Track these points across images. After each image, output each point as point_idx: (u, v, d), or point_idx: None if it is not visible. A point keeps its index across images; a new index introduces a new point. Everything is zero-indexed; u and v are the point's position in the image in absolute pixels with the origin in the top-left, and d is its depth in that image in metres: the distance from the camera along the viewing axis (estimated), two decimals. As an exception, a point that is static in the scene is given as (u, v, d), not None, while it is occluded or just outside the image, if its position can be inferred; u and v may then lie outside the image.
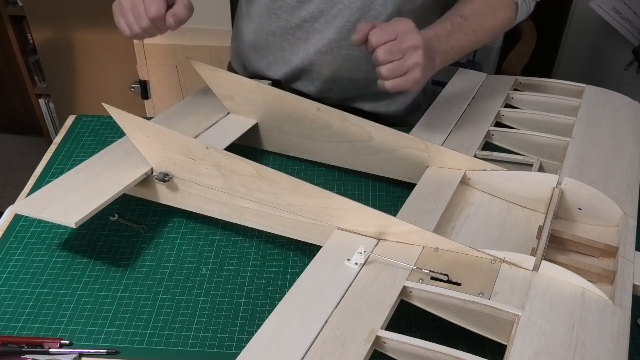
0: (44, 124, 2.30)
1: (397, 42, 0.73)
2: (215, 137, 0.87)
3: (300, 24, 0.95)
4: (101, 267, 0.74)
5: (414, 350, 0.53)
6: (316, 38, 0.95)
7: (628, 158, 0.76)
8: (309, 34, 0.95)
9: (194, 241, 0.78)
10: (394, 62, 0.73)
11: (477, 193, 0.75)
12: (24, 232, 0.78)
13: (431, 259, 0.62)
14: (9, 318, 0.67)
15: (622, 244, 0.63)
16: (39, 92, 2.23)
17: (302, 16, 0.94)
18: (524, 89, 0.97)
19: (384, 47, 0.73)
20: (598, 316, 0.54)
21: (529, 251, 0.61)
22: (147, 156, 0.78)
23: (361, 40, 0.75)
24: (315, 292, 0.59)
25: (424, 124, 0.88)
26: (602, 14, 1.63)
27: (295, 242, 0.72)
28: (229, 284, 0.72)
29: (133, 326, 0.67)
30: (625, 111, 0.87)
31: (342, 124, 0.83)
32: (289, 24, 0.96)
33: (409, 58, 0.73)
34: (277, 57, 1.01)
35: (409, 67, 0.74)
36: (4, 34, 2.08)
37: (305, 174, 0.90)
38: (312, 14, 0.93)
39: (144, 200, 0.82)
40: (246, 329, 0.66)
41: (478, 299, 0.56)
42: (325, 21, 0.93)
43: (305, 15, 0.93)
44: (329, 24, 0.93)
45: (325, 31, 0.94)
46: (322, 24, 0.94)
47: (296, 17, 0.95)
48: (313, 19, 0.93)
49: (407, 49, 0.73)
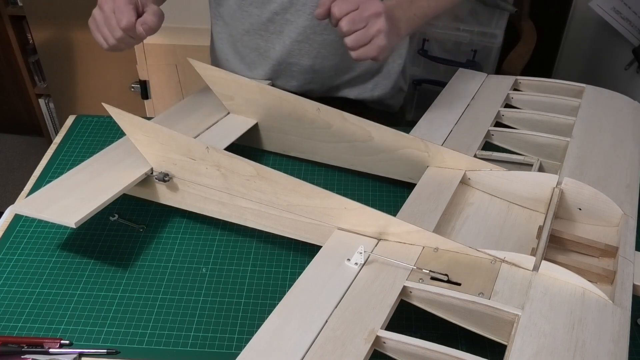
0: (44, 124, 2.30)
1: (359, 12, 0.75)
2: (215, 137, 0.87)
3: (272, 17, 0.95)
4: (101, 267, 0.74)
5: (414, 350, 0.53)
6: (290, 29, 0.95)
7: (628, 158, 0.76)
8: (282, 26, 0.96)
9: (194, 241, 0.78)
10: (358, 31, 0.76)
11: (477, 193, 0.75)
12: (24, 232, 0.78)
13: (431, 259, 0.62)
14: (9, 318, 0.67)
15: (622, 244, 0.63)
16: (39, 92, 2.23)
17: (272, 9, 0.94)
18: (524, 89, 0.97)
19: (346, 17, 0.75)
20: (598, 316, 0.54)
21: (529, 251, 0.61)
22: (147, 156, 0.78)
23: (324, 14, 0.77)
24: (315, 292, 0.59)
25: (424, 124, 0.88)
26: (602, 14, 1.63)
27: (295, 242, 0.72)
28: (229, 284, 0.72)
29: (133, 326, 0.67)
30: (625, 111, 0.87)
31: (342, 124, 0.83)
32: (261, 19, 0.96)
33: (372, 26, 0.76)
34: (254, 56, 1.01)
35: (373, 35, 0.76)
36: (4, 34, 2.08)
37: (305, 174, 0.90)
38: (282, 5, 0.93)
39: (144, 200, 0.82)
40: (246, 329, 0.66)
41: (478, 299, 0.56)
42: (295, 10, 0.94)
43: (276, 7, 0.94)
44: (300, 12, 0.94)
45: (298, 20, 0.94)
46: (293, 13, 0.94)
47: (267, 11, 0.95)
48: (283, 10, 0.94)
49: (369, 17, 0.75)
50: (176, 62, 1.66)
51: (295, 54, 0.98)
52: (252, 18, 0.97)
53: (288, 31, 0.96)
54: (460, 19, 1.74)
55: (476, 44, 1.71)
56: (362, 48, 0.77)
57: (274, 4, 0.94)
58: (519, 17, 1.73)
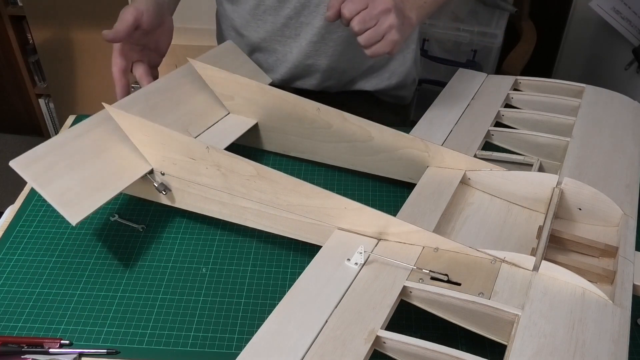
0: (44, 124, 2.30)
1: (368, 10, 0.76)
2: (215, 137, 0.87)
3: (287, 22, 0.95)
4: (101, 267, 0.74)
5: (414, 350, 0.53)
6: (306, 30, 0.96)
7: (628, 158, 0.76)
8: (298, 29, 0.96)
9: (194, 241, 0.78)
10: (370, 29, 0.76)
11: (477, 193, 0.75)
12: (24, 232, 0.78)
13: (431, 259, 0.62)
14: (9, 318, 0.67)
15: (622, 244, 0.63)
16: (39, 92, 2.23)
17: (286, 14, 0.95)
18: (524, 89, 0.97)
19: (357, 17, 0.76)
20: (598, 316, 0.54)
21: (529, 251, 0.61)
22: (147, 156, 0.78)
23: (335, 16, 0.77)
24: (315, 292, 0.59)
25: (424, 124, 0.88)
26: (602, 14, 1.63)
27: (295, 242, 0.72)
28: (229, 284, 0.72)
29: (133, 326, 0.67)
30: (625, 111, 0.87)
31: (342, 124, 0.83)
32: (276, 26, 0.96)
33: (383, 22, 0.76)
34: (272, 61, 1.01)
35: (385, 31, 0.77)
36: (4, 34, 2.09)
37: (305, 174, 0.90)
38: (296, 9, 0.94)
39: (144, 200, 0.82)
40: (246, 329, 0.66)
41: (478, 299, 0.56)
42: (309, 12, 0.94)
43: (289, 12, 0.94)
44: (314, 13, 0.94)
45: (313, 21, 0.95)
46: (307, 15, 0.94)
47: (281, 17, 0.95)
48: (297, 13, 0.94)
49: (379, 14, 0.76)
50: (176, 62, 1.65)
51: (312, 55, 0.99)
52: (267, 25, 0.97)
53: (304, 33, 0.96)
54: (460, 19, 1.75)
55: (476, 44, 1.71)
56: (376, 45, 0.77)
57: (287, 8, 0.94)
58: (519, 17, 1.73)
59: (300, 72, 1.01)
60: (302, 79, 1.02)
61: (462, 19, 1.74)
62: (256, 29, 0.99)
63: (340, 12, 0.77)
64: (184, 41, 1.59)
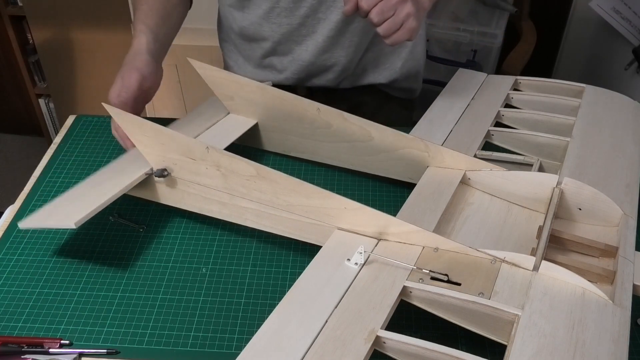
0: (44, 124, 2.30)
1: (385, 1, 0.77)
2: (215, 137, 0.87)
3: (303, 21, 0.96)
4: (101, 267, 0.74)
5: (414, 350, 0.53)
6: (322, 26, 0.96)
7: (628, 158, 0.76)
8: (315, 26, 0.96)
9: (194, 241, 0.78)
10: (388, 20, 0.77)
11: (477, 193, 0.75)
12: (24, 232, 0.78)
13: (431, 259, 0.62)
14: (9, 318, 0.67)
15: (622, 244, 0.63)
16: (39, 92, 2.22)
17: (302, 13, 0.94)
18: (524, 89, 0.97)
19: (375, 9, 0.77)
20: (598, 316, 0.54)
21: (529, 251, 0.61)
22: (147, 156, 0.78)
23: (353, 9, 0.78)
24: (315, 292, 0.59)
25: (424, 124, 0.88)
26: (602, 14, 1.63)
27: (295, 242, 0.72)
28: (229, 284, 0.72)
29: (133, 326, 0.67)
30: (625, 111, 0.87)
31: (342, 124, 0.83)
32: (292, 26, 0.96)
33: (400, 12, 0.77)
34: (287, 62, 1.01)
35: (403, 20, 0.78)
36: (4, 34, 2.08)
37: (305, 174, 0.90)
38: (312, 7, 0.94)
39: (144, 200, 0.82)
40: (246, 329, 0.66)
41: (478, 299, 0.56)
42: (326, 7, 0.94)
43: (305, 10, 0.94)
44: (332, 8, 0.94)
45: (330, 16, 0.95)
46: (324, 11, 0.95)
47: (297, 17, 0.95)
48: (314, 11, 0.94)
49: (396, 4, 0.77)
50: (176, 62, 1.66)
51: (328, 50, 0.99)
52: (283, 28, 0.97)
53: (320, 29, 0.97)
54: (460, 19, 1.74)
55: (476, 44, 1.71)
56: (395, 34, 0.79)
57: (303, 7, 0.94)
58: (519, 17, 1.73)
59: (316, 68, 1.01)
60: (318, 76, 1.02)
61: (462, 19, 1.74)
62: (270, 32, 0.98)
63: (357, 5, 0.78)
64: (184, 41, 1.59)
